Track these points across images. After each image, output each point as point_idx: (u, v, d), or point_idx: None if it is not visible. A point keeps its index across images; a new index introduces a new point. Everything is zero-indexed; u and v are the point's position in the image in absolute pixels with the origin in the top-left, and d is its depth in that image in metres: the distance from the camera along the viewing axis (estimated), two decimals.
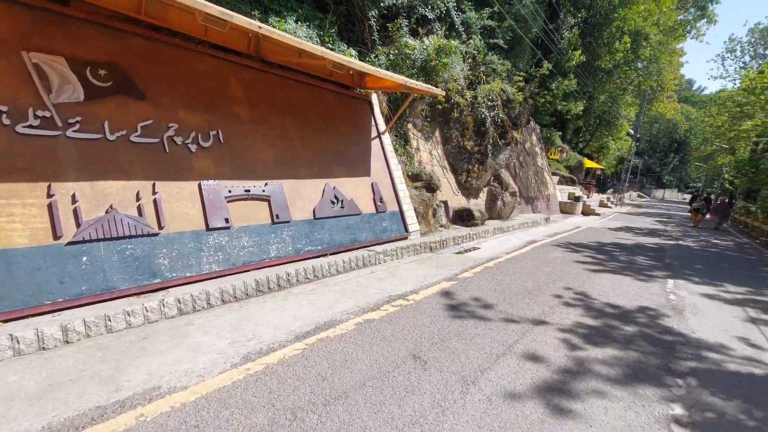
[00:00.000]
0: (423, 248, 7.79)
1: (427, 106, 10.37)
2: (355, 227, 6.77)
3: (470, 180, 11.81)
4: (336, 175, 6.85)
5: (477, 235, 9.92)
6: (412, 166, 9.79)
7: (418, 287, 5.38)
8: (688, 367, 3.53)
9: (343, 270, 5.92)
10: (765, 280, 7.74)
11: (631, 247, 10.61)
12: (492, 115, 11.77)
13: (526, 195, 16.76)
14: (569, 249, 9.34)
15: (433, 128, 11.08)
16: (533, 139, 19.15)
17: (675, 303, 5.50)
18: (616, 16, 22.74)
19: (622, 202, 33.12)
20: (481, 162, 11.94)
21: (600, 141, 36.42)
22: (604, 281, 6.46)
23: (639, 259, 8.84)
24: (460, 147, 11.51)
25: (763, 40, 32.25)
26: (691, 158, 57.62)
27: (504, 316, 4.45)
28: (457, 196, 11.57)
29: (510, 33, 13.71)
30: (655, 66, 30.57)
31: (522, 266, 7.11)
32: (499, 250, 8.57)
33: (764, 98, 16.52)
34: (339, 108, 7.46)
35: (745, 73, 23.93)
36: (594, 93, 27.37)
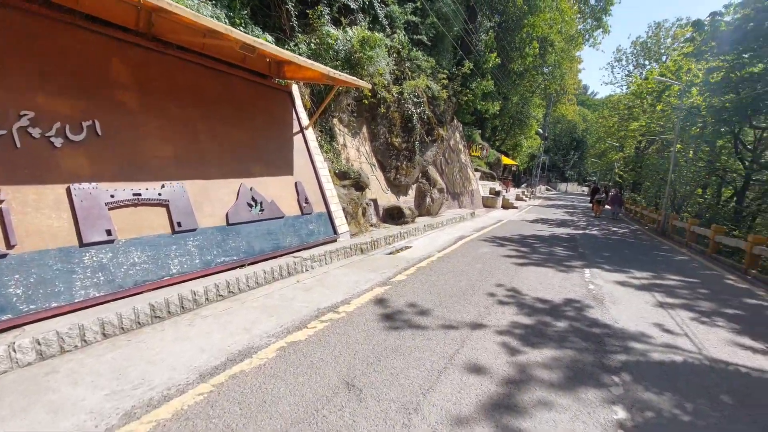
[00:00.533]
0: (354, 250, 7.34)
1: (353, 101, 9.91)
2: (277, 232, 6.08)
3: (399, 177, 11.64)
4: (254, 174, 6.09)
5: (408, 234, 9.75)
6: (340, 164, 9.27)
7: (350, 296, 4.92)
8: (619, 362, 3.55)
9: (264, 282, 5.23)
10: (661, 264, 8.64)
11: (548, 238, 11.29)
12: (419, 112, 11.71)
13: (453, 191, 17.20)
14: (496, 243, 9.59)
15: (360, 124, 10.67)
16: (457, 136, 19.75)
17: (595, 293, 5.76)
18: (526, 22, 24.46)
19: (534, 195, 36.03)
20: (410, 159, 11.83)
21: (514, 139, 39.23)
22: (531, 275, 6.60)
23: (557, 249, 9.37)
24: (388, 143, 11.26)
25: (643, 52, 37.38)
26: (588, 155, 65.15)
27: (442, 323, 4.18)
28: (386, 194, 11.32)
29: (433, 30, 13.82)
30: (559, 71, 33.69)
31: (454, 264, 7.02)
32: (431, 248, 8.46)
33: (648, 101, 19.00)
34: (256, 99, 6.67)
35: (633, 80, 27.32)
36: (508, 94, 29.26)
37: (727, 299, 6.08)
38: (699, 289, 6.55)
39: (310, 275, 5.80)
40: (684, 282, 7.04)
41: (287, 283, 5.35)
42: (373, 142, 11.13)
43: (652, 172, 21.87)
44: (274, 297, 4.75)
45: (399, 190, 12.06)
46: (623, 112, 25.48)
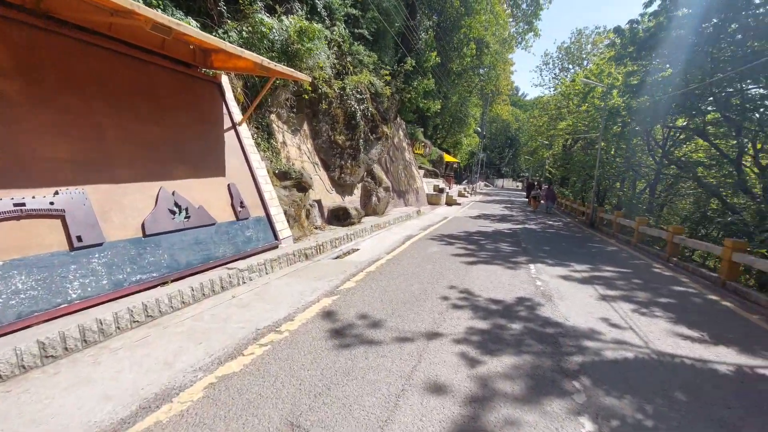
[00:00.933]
0: (297, 257, 6.80)
1: (292, 96, 9.29)
2: (208, 241, 5.38)
3: (344, 176, 11.20)
4: (177, 177, 5.33)
5: (355, 235, 9.36)
6: (279, 163, 8.62)
7: (294, 310, 4.43)
8: (577, 364, 3.48)
9: (193, 300, 4.56)
10: (596, 256, 9.13)
11: (492, 234, 11.53)
12: (362, 109, 11.35)
13: (398, 189, 17.10)
14: (444, 242, 9.54)
15: (301, 120, 10.06)
16: (400, 134, 19.71)
17: (543, 289, 5.81)
18: (463, 23, 25.10)
19: (475, 191, 37.39)
20: (354, 157, 11.44)
21: (454, 137, 40.40)
22: (481, 273, 6.55)
23: (502, 246, 9.54)
24: (332, 141, 10.77)
25: (567, 57, 40.38)
26: (521, 152, 69.34)
27: (396, 335, 3.87)
28: (331, 194, 10.83)
29: (374, 25, 13.52)
30: (494, 72, 35.26)
31: (405, 267, 6.77)
32: (380, 250, 8.15)
33: (575, 102, 20.42)
34: (179, 91, 5.88)
35: (561, 82, 29.24)
36: (448, 93, 29.95)
37: (658, 288, 6.48)
38: (633, 279, 6.93)
39: (248, 288, 5.19)
40: (619, 273, 7.43)
41: (221, 299, 4.71)
42: (316, 139, 10.57)
43: (578, 168, 23.54)
44: (204, 318, 4.12)
45: (344, 189, 11.62)
46: (552, 112, 27.26)
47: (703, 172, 14.84)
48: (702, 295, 6.24)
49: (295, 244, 7.23)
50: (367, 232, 10.07)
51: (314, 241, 7.70)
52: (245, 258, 5.87)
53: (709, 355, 3.89)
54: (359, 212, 10.66)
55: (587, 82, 16.07)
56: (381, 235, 10.24)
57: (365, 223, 10.71)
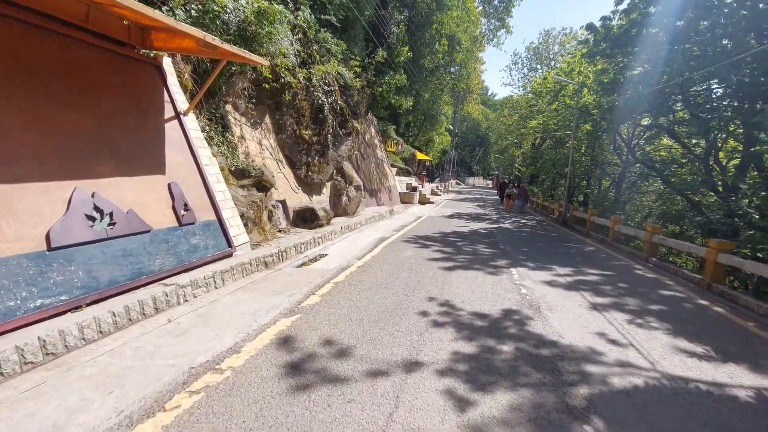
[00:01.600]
0: (255, 266, 5.96)
1: (250, 85, 8.37)
2: (140, 252, 4.47)
3: (311, 174, 10.37)
4: (100, 174, 4.38)
5: (323, 238, 8.58)
6: (236, 160, 7.71)
7: (243, 337, 3.64)
8: (584, 398, 2.91)
9: (114, 328, 3.67)
10: (576, 257, 8.79)
11: (468, 235, 11.05)
12: (330, 102, 10.55)
13: (370, 188, 16.40)
14: (419, 244, 8.93)
15: (262, 113, 9.15)
16: (372, 131, 19.00)
17: (529, 299, 5.29)
18: (435, 19, 24.68)
19: (448, 189, 37.27)
20: (322, 154, 10.63)
21: (427, 135, 40.15)
22: (461, 281, 5.96)
23: (480, 248, 9.04)
24: (297, 137, 9.91)
25: (536, 57, 40.98)
26: (492, 151, 70.35)
27: (368, 368, 3.17)
28: (297, 194, 9.98)
29: (342, 12, 12.71)
30: (465, 70, 35.23)
31: (377, 275, 6.08)
32: (350, 255, 7.42)
33: (546, 100, 20.45)
34: (107, 73, 4.91)
35: (532, 80, 29.47)
36: (420, 90, 29.51)
37: (646, 293, 6.12)
38: (619, 284, 6.56)
39: (190, 308, 4.34)
40: (603, 276, 7.07)
41: (153, 325, 3.85)
42: (279, 134, 9.68)
43: (548, 166, 23.71)
44: (125, 353, 3.26)
45: (311, 189, 10.79)
46: (522, 111, 27.40)
47: (672, 171, 15.06)
48: (691, 300, 5.92)
49: (254, 251, 6.38)
50: (336, 234, 9.31)
51: (276, 246, 6.87)
52: (190, 270, 4.99)
53: (722, 376, 3.44)
54: (328, 213, 9.87)
55: (559, 80, 15.98)
56: (352, 237, 9.50)
57: (335, 225, 9.94)
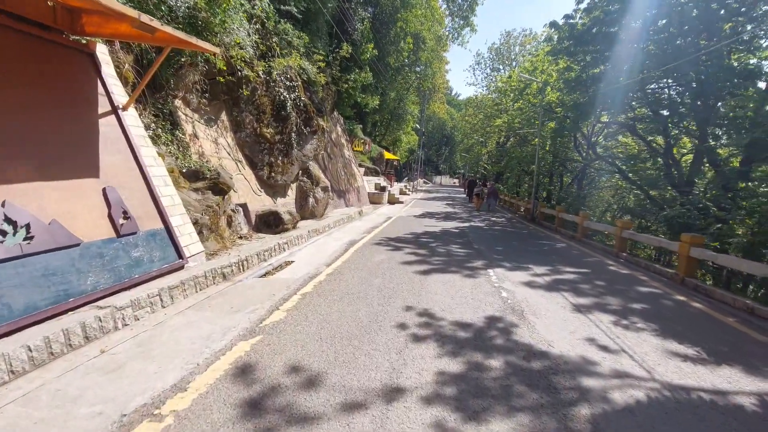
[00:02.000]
0: (211, 278, 5.32)
1: (203, 78, 7.64)
2: (67, 270, 3.76)
3: (274, 176, 9.72)
4: (13, 179, 3.64)
5: (290, 243, 7.99)
6: (189, 160, 6.99)
7: (192, 370, 3.06)
8: (587, 421, 2.59)
9: (31, 365, 2.98)
10: (549, 255, 8.70)
11: (440, 235, 10.78)
12: (293, 98, 9.94)
13: (338, 188, 15.85)
14: (391, 247, 8.52)
15: (218, 109, 8.42)
16: (339, 130, 18.45)
17: (511, 303, 5.00)
18: (399, 17, 24.41)
19: (416, 189, 37.24)
20: (286, 153, 9.99)
21: (393, 134, 39.96)
22: (439, 286, 5.60)
23: (454, 248, 8.76)
24: (258, 135, 9.23)
25: (498, 58, 41.84)
26: (458, 150, 71.41)
27: (342, 399, 2.70)
28: (260, 196, 9.30)
29: (304, 3, 12.08)
30: (430, 70, 35.32)
31: (348, 283, 5.60)
32: (318, 262, 6.90)
33: (511, 98, 20.72)
34: (26, 60, 4.16)
35: (498, 78, 29.89)
36: (386, 89, 29.21)
37: (624, 290, 6.03)
38: (596, 281, 6.45)
39: (130, 334, 3.68)
40: (579, 274, 6.95)
41: (81, 358, 3.19)
42: (238, 133, 8.97)
43: (513, 164, 24.07)
44: (40, 399, 2.61)
45: (276, 191, 10.12)
46: (488, 110, 27.72)
47: (632, 167, 15.56)
48: (669, 296, 5.88)
49: (210, 262, 5.72)
50: (303, 239, 8.73)
51: (236, 255, 6.23)
52: (131, 288, 4.30)
53: (720, 382, 3.25)
54: (294, 216, 9.26)
55: (524, 78, 16.12)
56: (320, 241, 8.95)
57: (301, 229, 9.35)
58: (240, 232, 7.94)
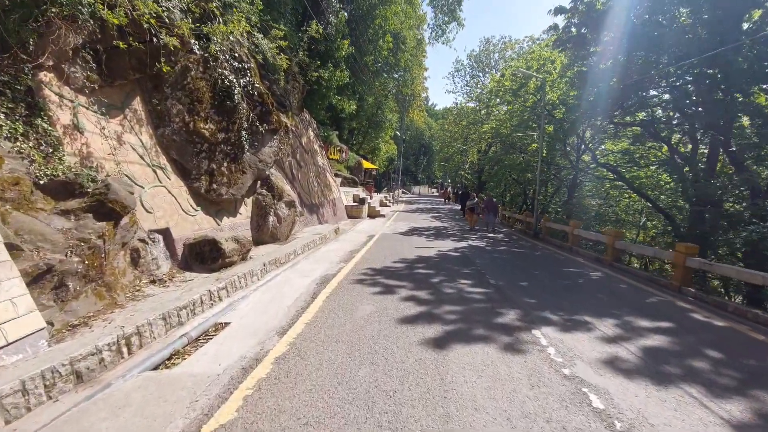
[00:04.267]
0: (49, 383, 2.73)
1: (91, 43, 5.03)
2: None
3: (217, 187, 7.13)
4: None
5: (231, 286, 5.43)
6: (57, 166, 4.37)
7: None
8: None
9: None
10: (594, 292, 6.43)
11: (439, 262, 8.43)
12: (244, 84, 7.45)
13: (310, 202, 13.30)
14: (379, 287, 6.07)
15: (125, 93, 5.82)
16: (311, 134, 15.97)
17: (620, 424, 2.65)
18: (377, 13, 22.38)
19: (396, 200, 35.04)
20: (234, 158, 7.44)
21: (372, 143, 37.77)
22: (473, 383, 3.19)
23: (465, 286, 6.40)
24: (192, 132, 6.66)
25: (477, 65, 40.57)
26: (436, 159, 70.06)
27: None
28: (193, 216, 6.68)
29: None
30: (410, 75, 33.57)
31: (315, 377, 3.12)
32: (268, 324, 4.38)
33: (505, 99, 18.84)
34: None
35: (490, 77, 28.25)
36: (364, 94, 27.05)
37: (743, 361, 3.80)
38: (704, 350, 4.19)
39: None
40: (666, 334, 4.66)
41: None
42: (161, 128, 6.38)
43: (503, 172, 22.16)
44: None
45: (220, 208, 7.52)
46: (470, 117, 25.91)
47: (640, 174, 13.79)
48: None
49: (57, 347, 3.12)
50: (253, 277, 6.16)
51: (122, 323, 3.64)
52: None
53: None
54: (242, 244, 6.68)
55: (522, 74, 14.19)
56: (279, 279, 6.41)
57: (255, 261, 6.78)
58: (154, 274, 5.31)
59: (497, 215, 16.54)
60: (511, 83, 17.43)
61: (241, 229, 8.02)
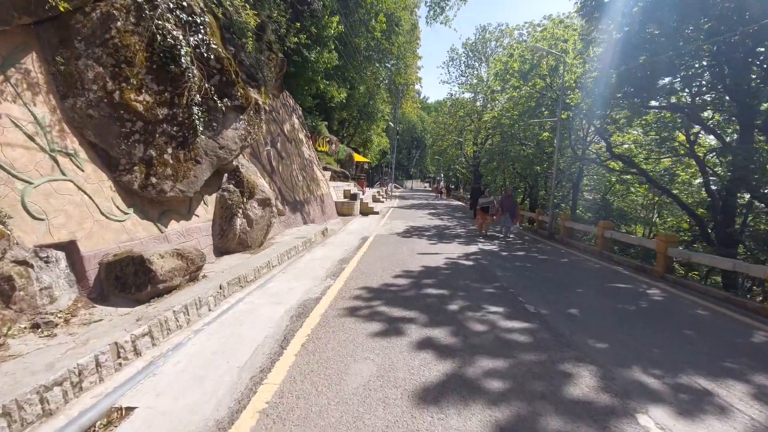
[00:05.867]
0: None
1: None
2: None
3: (158, 182, 5.29)
4: None
5: (160, 328, 3.65)
6: None
7: None
8: None
9: None
10: (681, 328, 4.76)
11: (451, 275, 6.72)
12: (195, 43, 5.59)
13: (293, 199, 11.48)
14: (378, 320, 4.33)
15: (13, 45, 3.95)
16: (295, 121, 14.08)
17: None
18: None
19: (390, 195, 33.30)
20: (184, 142, 5.60)
21: (364, 135, 35.83)
22: None
23: (496, 320, 4.69)
24: (118, 104, 4.80)
25: (473, 54, 38.74)
26: (429, 153, 68.30)
27: None
28: (120, 222, 4.84)
29: None
30: (403, 62, 31.72)
31: None
32: (204, 411, 2.60)
33: (512, 83, 17.13)
34: None
35: (496, 58, 26.50)
36: (355, 81, 25.15)
37: None
38: None
39: None
40: None
41: None
42: (70, 98, 4.51)
43: (505, 164, 20.45)
44: None
45: (166, 209, 5.68)
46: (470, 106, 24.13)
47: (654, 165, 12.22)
48: None
49: None
50: (202, 308, 4.37)
51: None
52: None
53: None
54: (189, 260, 4.86)
55: (540, 49, 12.43)
56: (239, 309, 4.63)
57: (208, 281, 4.99)
58: (43, 313, 3.50)
59: (517, 217, 12.78)
60: (520, 64, 15.70)
61: (197, 237, 6.20)
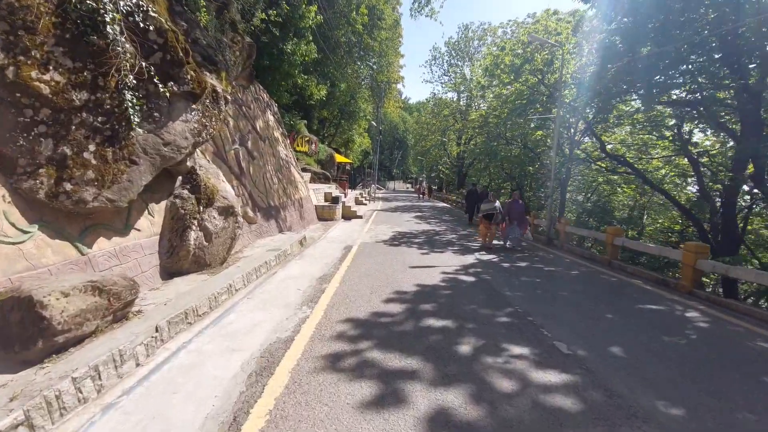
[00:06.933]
0: None
1: None
2: None
3: (75, 188, 3.99)
4: None
5: (48, 409, 2.40)
6: None
7: None
8: None
9: None
10: (731, 375, 3.79)
11: (452, 297, 5.63)
12: (127, 9, 4.32)
13: (267, 204, 10.20)
14: (367, 377, 3.18)
15: None
16: (269, 118, 12.78)
17: None
18: None
19: (373, 197, 32.15)
20: (113, 136, 4.31)
21: (345, 135, 34.58)
22: None
23: (524, 369, 3.61)
24: (12, 85, 3.50)
25: (456, 53, 38.06)
26: (412, 154, 67.52)
27: None
28: (16, 244, 3.53)
29: None
30: (385, 60, 30.71)
31: None
32: None
33: (504, 78, 16.26)
34: None
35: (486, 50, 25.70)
36: (335, 78, 23.91)
37: None
38: None
39: None
40: None
41: None
42: None
43: (495, 165, 19.66)
44: None
45: (92, 223, 4.37)
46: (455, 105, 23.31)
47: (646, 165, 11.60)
48: None
49: None
50: (123, 365, 3.12)
51: None
52: None
53: None
54: (114, 295, 3.60)
55: (536, 39, 11.53)
56: (177, 365, 3.40)
57: (141, 321, 3.74)
58: None
59: (525, 225, 10.64)
60: (512, 58, 14.83)
61: (137, 257, 4.90)
